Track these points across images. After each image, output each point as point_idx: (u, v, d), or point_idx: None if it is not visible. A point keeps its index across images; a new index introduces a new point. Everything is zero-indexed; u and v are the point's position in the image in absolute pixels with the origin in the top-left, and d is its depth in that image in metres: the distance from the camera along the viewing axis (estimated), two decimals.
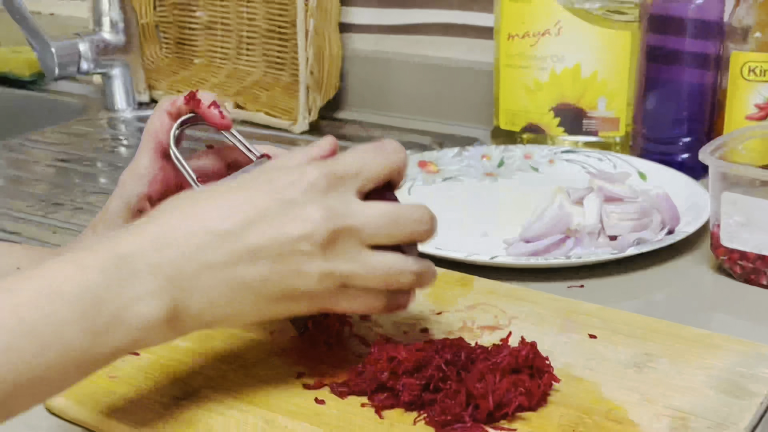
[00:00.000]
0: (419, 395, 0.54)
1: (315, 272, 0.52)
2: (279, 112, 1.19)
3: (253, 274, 0.51)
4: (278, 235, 0.51)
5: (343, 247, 0.52)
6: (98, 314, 0.46)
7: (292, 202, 0.51)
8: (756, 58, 0.89)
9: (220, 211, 0.51)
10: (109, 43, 1.24)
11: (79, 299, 0.46)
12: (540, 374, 0.55)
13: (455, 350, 0.56)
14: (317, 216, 0.51)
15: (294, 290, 0.52)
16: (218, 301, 0.51)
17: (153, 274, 0.48)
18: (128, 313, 0.47)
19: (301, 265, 0.51)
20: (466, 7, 1.18)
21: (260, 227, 0.51)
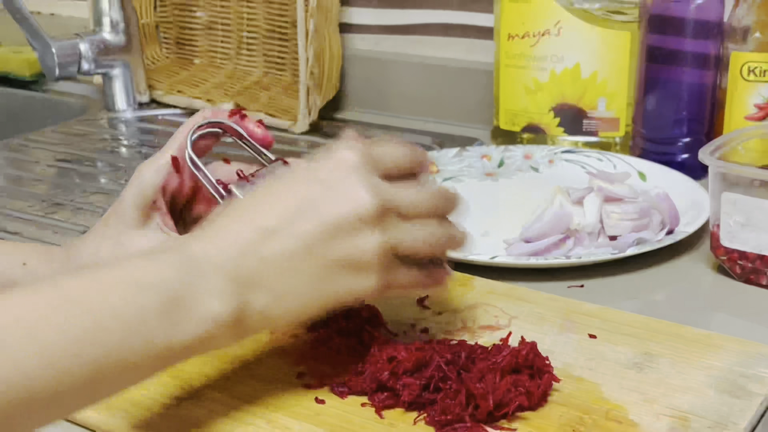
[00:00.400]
0: (419, 395, 0.54)
1: (371, 246, 0.53)
2: (279, 112, 1.19)
3: (311, 263, 0.52)
4: (327, 217, 0.52)
5: (390, 221, 0.54)
6: (175, 306, 0.48)
7: (334, 184, 0.53)
8: (756, 58, 0.89)
9: (265, 206, 0.53)
10: (109, 43, 1.24)
11: (158, 290, 0.48)
12: (540, 374, 0.55)
13: (456, 350, 0.57)
14: (363, 193, 0.53)
15: (355, 265, 0.53)
16: (283, 294, 0.52)
17: (217, 274, 0.50)
18: (201, 308, 0.49)
19: (357, 242, 0.53)
20: (466, 7, 1.18)
21: (308, 214, 0.52)
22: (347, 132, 0.58)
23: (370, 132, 1.17)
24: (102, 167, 1.09)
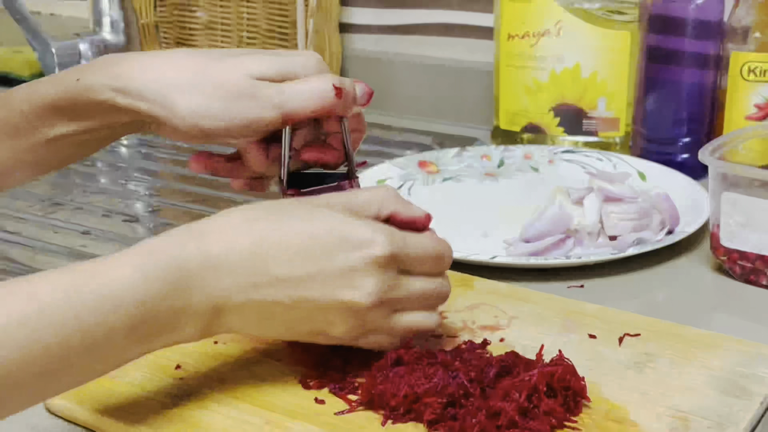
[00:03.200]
0: (442, 413, 0.53)
1: (345, 327, 0.55)
2: None
3: (291, 316, 0.54)
4: (328, 296, 0.54)
5: (378, 313, 0.56)
6: (148, 327, 0.50)
7: (352, 269, 0.54)
8: (756, 58, 0.89)
9: (287, 256, 0.53)
10: (109, 43, 1.24)
11: (134, 311, 0.49)
12: (575, 398, 0.54)
13: (485, 364, 0.55)
14: (371, 289, 0.54)
15: (321, 332, 0.56)
16: (249, 326, 0.55)
17: (203, 299, 0.52)
18: (174, 331, 0.51)
19: (335, 320, 0.55)
20: (466, 7, 1.18)
21: (315, 284, 0.54)
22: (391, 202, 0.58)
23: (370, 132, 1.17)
24: (102, 167, 1.09)
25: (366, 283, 0.54)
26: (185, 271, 0.51)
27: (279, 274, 0.53)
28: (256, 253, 0.53)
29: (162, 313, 0.50)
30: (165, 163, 1.10)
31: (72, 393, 0.57)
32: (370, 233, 0.54)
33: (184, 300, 0.51)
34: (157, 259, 0.50)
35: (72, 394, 0.57)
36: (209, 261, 0.52)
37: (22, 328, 0.45)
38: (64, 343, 0.47)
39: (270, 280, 0.53)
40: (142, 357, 0.52)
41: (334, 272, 0.54)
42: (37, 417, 0.57)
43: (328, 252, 0.54)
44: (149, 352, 0.52)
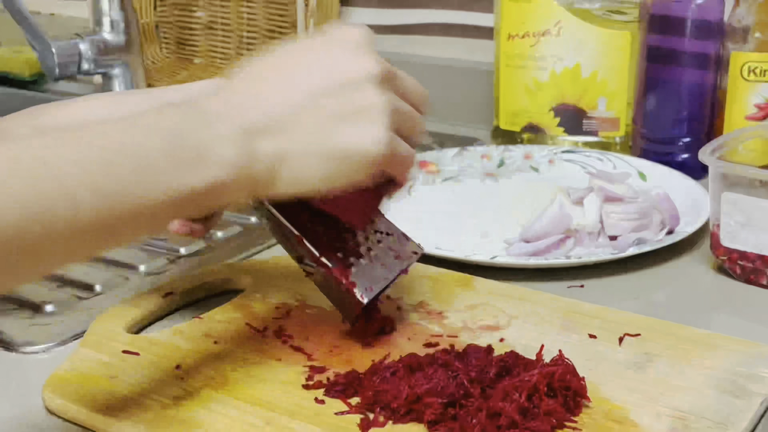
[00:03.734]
0: (442, 413, 0.53)
1: (378, 99, 0.55)
2: None
3: (316, 112, 0.54)
4: (335, 73, 0.55)
5: (391, 89, 0.57)
6: (185, 149, 0.50)
7: (344, 48, 0.56)
8: (756, 58, 0.89)
9: (273, 64, 0.56)
10: (109, 43, 1.24)
11: (167, 134, 0.50)
12: (575, 398, 0.54)
13: (485, 364, 0.55)
14: (371, 59, 0.56)
15: (362, 115, 0.55)
16: (289, 143, 0.54)
17: (225, 123, 0.52)
18: (210, 151, 0.51)
19: (364, 94, 0.55)
20: (466, 7, 1.18)
21: (315, 70, 0.55)
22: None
23: None
24: None
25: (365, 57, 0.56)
26: (196, 108, 0.52)
27: (277, 79, 0.55)
28: (251, 74, 0.55)
29: (191, 135, 0.50)
30: None
31: (72, 393, 0.57)
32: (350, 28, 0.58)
33: (208, 125, 0.51)
34: (170, 105, 0.53)
35: (72, 394, 0.57)
36: (214, 98, 0.54)
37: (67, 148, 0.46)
38: (115, 162, 0.47)
39: (271, 86, 0.54)
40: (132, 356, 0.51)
41: (335, 58, 0.56)
42: (36, 417, 0.57)
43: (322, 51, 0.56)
44: (203, 197, 0.51)
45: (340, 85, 0.55)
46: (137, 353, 0.61)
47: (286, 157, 0.54)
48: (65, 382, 0.59)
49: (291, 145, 0.54)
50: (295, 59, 0.56)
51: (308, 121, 0.54)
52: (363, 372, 0.57)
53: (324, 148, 0.54)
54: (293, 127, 0.54)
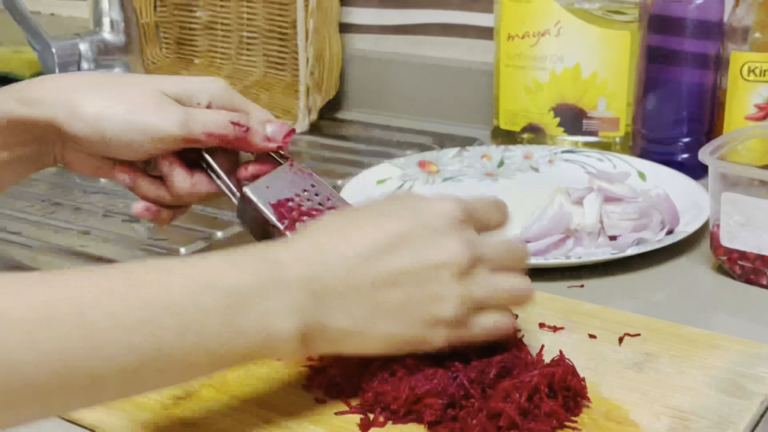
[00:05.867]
0: (442, 414, 0.53)
1: (453, 296, 0.53)
2: (279, 112, 1.19)
3: (393, 297, 0.52)
4: (421, 260, 0.52)
5: (477, 274, 0.54)
6: (242, 313, 0.47)
7: (434, 231, 0.53)
8: (756, 58, 0.89)
9: (368, 234, 0.52)
10: (109, 43, 1.24)
11: (228, 293, 0.47)
12: (575, 399, 0.54)
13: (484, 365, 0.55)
14: (458, 245, 0.53)
15: (432, 316, 0.53)
16: (358, 322, 0.51)
17: (301, 288, 0.49)
18: (270, 319, 0.48)
19: (441, 291, 0.53)
20: (466, 7, 1.18)
21: (404, 252, 0.52)
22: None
23: (370, 132, 1.17)
24: None
25: (451, 242, 0.53)
26: (277, 262, 0.49)
27: (365, 253, 0.51)
28: (338, 241, 0.52)
29: (255, 301, 0.47)
30: None
31: None
32: (441, 201, 0.55)
33: (279, 289, 0.48)
34: (244, 252, 0.50)
35: None
36: (298, 254, 0.50)
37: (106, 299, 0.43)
38: (157, 320, 0.44)
39: (359, 261, 0.51)
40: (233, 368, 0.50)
41: (418, 238, 0.53)
42: None
43: (407, 222, 0.53)
44: (247, 359, 0.49)
45: (424, 271, 0.52)
46: None
47: (351, 332, 0.51)
48: None
49: (358, 324, 0.51)
50: (382, 231, 0.53)
51: (382, 304, 0.52)
52: (362, 372, 0.57)
53: (388, 332, 0.52)
54: (366, 306, 0.51)
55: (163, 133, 0.60)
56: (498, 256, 0.56)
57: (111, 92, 0.61)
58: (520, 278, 0.57)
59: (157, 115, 0.60)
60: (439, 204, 0.54)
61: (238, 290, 0.47)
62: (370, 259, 0.51)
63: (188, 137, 0.61)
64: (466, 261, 0.53)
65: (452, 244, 0.53)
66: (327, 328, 0.50)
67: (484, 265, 0.55)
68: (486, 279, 0.55)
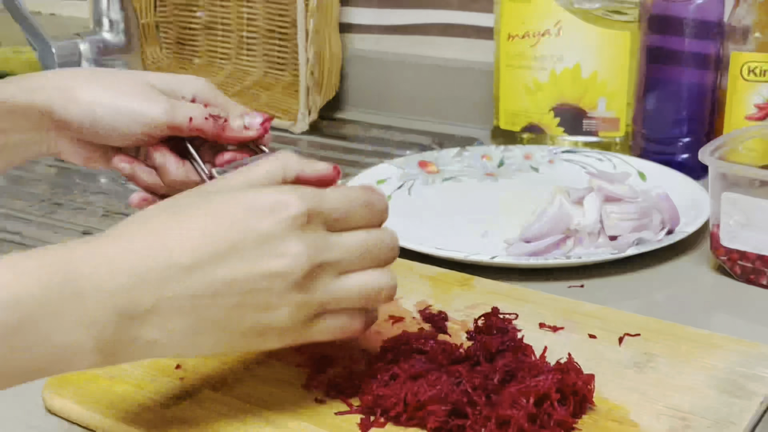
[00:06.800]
0: (446, 421, 0.52)
1: (287, 306, 0.49)
2: (279, 112, 1.19)
3: (218, 309, 0.48)
4: (252, 271, 0.48)
5: (320, 280, 0.50)
6: (25, 329, 0.43)
7: (269, 236, 0.48)
8: (756, 58, 0.89)
9: (189, 241, 0.48)
10: (109, 43, 1.24)
11: (7, 308, 0.43)
12: (581, 404, 0.53)
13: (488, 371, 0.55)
14: (296, 252, 0.49)
15: (262, 326, 0.49)
16: (174, 336, 0.48)
17: (98, 302, 0.45)
18: (59, 336, 0.44)
19: (272, 300, 0.49)
20: (466, 7, 1.18)
21: (232, 262, 0.48)
22: (327, 164, 0.54)
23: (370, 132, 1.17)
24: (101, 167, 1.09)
25: (290, 248, 0.48)
26: (72, 272, 0.45)
27: (186, 263, 0.47)
28: (155, 247, 0.47)
29: (41, 318, 0.43)
30: None
31: (72, 393, 0.57)
32: (277, 196, 0.49)
33: (71, 303, 0.44)
34: (37, 257, 0.45)
35: (72, 394, 0.57)
36: (102, 260, 0.46)
37: None
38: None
39: (177, 271, 0.47)
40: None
41: (250, 244, 0.48)
42: (36, 417, 0.57)
43: (237, 226, 0.48)
44: (42, 374, 0.45)
45: (252, 283, 0.48)
46: None
47: (169, 343, 0.47)
48: (65, 382, 0.59)
49: (177, 335, 0.47)
50: (208, 235, 0.48)
51: (204, 315, 0.48)
52: (362, 372, 0.57)
53: (233, 334, 0.49)
54: (184, 318, 0.47)
55: (149, 119, 0.63)
56: (349, 256, 0.51)
57: (104, 81, 0.64)
58: (377, 275, 0.52)
59: (145, 103, 0.63)
60: (280, 202, 0.49)
61: (21, 305, 0.43)
62: (192, 269, 0.47)
63: (172, 124, 0.64)
64: (305, 268, 0.49)
65: (290, 251, 0.48)
66: (136, 340, 0.47)
67: (330, 269, 0.50)
68: (331, 283, 0.50)
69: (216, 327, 0.49)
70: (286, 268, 0.48)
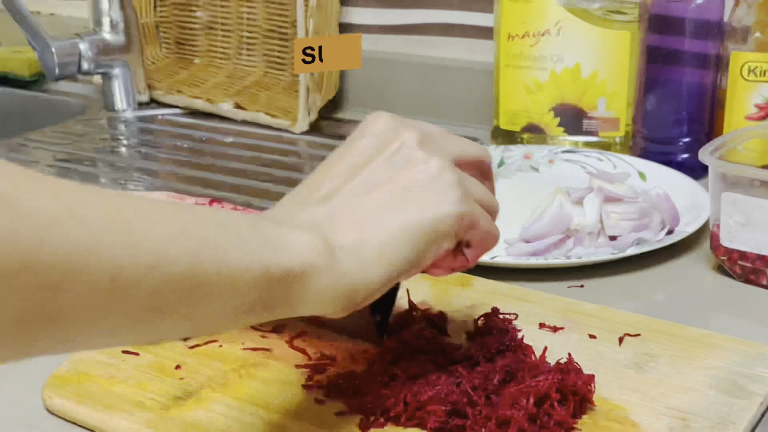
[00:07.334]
0: (446, 421, 0.52)
1: (431, 157, 0.52)
2: (279, 112, 1.19)
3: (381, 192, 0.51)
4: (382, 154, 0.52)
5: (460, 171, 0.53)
6: (264, 233, 0.45)
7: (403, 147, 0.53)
8: (756, 58, 0.89)
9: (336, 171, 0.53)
10: (109, 43, 1.24)
11: (246, 224, 0.45)
12: (581, 404, 0.53)
13: (487, 371, 0.55)
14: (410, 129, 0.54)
15: (424, 183, 0.52)
16: (364, 226, 0.50)
17: (295, 226, 0.48)
18: (292, 236, 0.46)
19: (412, 155, 0.52)
20: (466, 7, 1.18)
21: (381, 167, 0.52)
22: None
23: None
24: (102, 167, 1.09)
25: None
26: (263, 219, 0.48)
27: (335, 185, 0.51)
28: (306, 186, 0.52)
29: (269, 229, 0.46)
30: (165, 163, 1.10)
31: (72, 393, 0.57)
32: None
33: (280, 225, 0.47)
34: None
35: (72, 394, 0.57)
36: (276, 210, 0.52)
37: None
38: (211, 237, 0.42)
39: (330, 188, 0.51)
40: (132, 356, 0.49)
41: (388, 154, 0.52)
42: (36, 417, 0.57)
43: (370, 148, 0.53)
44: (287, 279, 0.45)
45: (386, 158, 0.52)
46: (137, 353, 0.61)
47: (366, 241, 0.49)
48: (65, 382, 0.59)
49: (366, 230, 0.49)
50: (332, 160, 0.53)
51: (374, 202, 0.50)
52: (362, 373, 0.57)
53: (399, 223, 0.50)
54: (361, 210, 0.50)
55: None
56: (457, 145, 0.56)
57: None
58: None
59: None
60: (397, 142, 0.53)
61: (252, 221, 0.46)
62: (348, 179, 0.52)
63: None
64: (419, 134, 0.53)
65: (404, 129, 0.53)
66: (342, 245, 0.49)
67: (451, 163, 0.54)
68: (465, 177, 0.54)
69: (391, 207, 0.50)
70: (408, 138, 0.53)
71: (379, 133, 0.53)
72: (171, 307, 0.40)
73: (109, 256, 0.36)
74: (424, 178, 0.51)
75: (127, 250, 0.37)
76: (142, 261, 0.38)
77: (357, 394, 0.56)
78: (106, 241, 0.37)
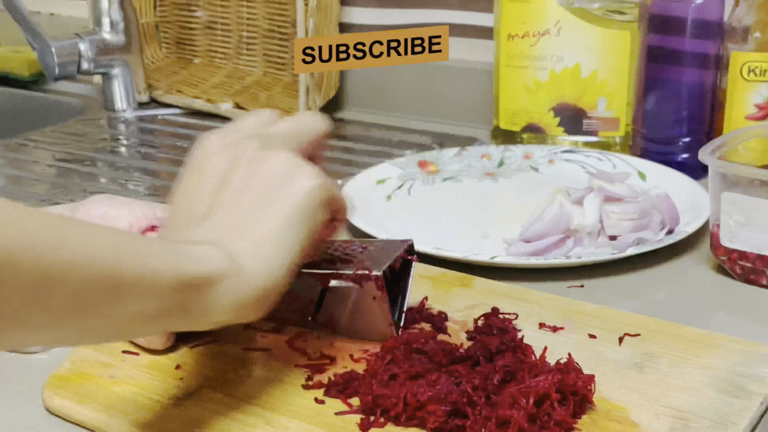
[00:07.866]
0: (446, 421, 0.52)
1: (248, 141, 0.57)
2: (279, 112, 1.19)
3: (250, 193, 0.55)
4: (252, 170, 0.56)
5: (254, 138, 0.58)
6: (173, 246, 0.51)
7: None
8: (756, 58, 0.89)
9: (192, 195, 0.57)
10: (109, 43, 1.24)
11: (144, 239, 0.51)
12: (581, 405, 0.53)
13: (487, 371, 0.55)
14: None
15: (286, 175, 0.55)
16: (249, 228, 0.54)
17: (202, 243, 0.52)
18: (196, 248, 0.51)
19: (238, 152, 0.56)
20: (466, 7, 1.18)
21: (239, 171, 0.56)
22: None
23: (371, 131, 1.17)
24: (102, 167, 1.09)
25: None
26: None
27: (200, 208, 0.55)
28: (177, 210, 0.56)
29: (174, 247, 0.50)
30: (165, 163, 1.10)
31: (72, 393, 0.57)
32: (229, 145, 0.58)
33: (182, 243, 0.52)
34: None
35: (72, 394, 0.57)
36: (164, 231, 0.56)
37: None
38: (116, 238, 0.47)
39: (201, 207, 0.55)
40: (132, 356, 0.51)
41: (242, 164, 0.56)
42: (36, 417, 0.57)
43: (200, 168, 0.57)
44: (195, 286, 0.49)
45: (241, 168, 0.56)
46: (137, 353, 0.61)
47: (260, 245, 0.53)
48: (65, 382, 0.59)
49: (252, 232, 0.53)
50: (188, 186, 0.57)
51: (246, 204, 0.54)
52: (362, 373, 0.57)
53: (278, 216, 0.54)
54: (238, 215, 0.54)
55: None
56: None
57: None
58: None
59: None
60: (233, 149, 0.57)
61: (153, 240, 0.53)
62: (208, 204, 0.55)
63: None
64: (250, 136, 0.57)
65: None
66: (239, 251, 0.52)
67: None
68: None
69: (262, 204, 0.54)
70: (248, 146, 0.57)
71: (222, 150, 0.57)
72: (95, 305, 0.44)
73: (41, 253, 0.41)
74: (279, 169, 0.55)
75: (57, 249, 0.42)
76: (69, 258, 0.42)
77: (357, 394, 0.56)
78: (39, 239, 0.41)
